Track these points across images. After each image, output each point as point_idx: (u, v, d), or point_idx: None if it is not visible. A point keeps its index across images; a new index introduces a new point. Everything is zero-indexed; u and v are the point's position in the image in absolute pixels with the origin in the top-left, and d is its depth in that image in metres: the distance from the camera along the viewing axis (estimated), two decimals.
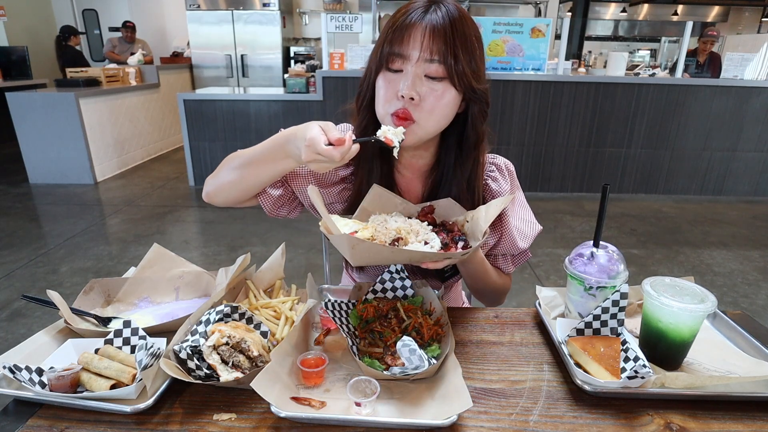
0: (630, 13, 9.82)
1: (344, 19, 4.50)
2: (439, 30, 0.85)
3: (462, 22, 0.87)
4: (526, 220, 1.07)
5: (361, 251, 0.76)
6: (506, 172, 1.09)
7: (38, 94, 4.85)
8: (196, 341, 0.74)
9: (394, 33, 0.87)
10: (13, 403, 0.72)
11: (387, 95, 0.90)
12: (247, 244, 3.52)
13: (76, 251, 3.34)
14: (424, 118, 0.89)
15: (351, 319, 0.88)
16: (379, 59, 0.90)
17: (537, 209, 1.11)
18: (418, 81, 0.87)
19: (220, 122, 4.69)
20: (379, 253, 0.78)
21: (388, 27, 0.89)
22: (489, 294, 1.10)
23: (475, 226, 0.90)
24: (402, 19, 0.87)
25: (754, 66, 4.78)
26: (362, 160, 1.01)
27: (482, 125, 0.97)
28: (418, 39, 0.85)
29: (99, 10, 8.03)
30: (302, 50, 7.44)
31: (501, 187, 1.05)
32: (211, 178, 1.04)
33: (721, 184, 4.85)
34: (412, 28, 0.86)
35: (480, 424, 0.70)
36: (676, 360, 0.82)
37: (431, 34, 0.85)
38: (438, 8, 0.87)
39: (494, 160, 1.09)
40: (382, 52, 0.89)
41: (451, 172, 1.01)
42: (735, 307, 2.69)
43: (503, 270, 1.11)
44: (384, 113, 0.91)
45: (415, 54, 0.86)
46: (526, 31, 4.48)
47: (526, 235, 1.05)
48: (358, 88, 0.98)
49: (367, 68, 0.95)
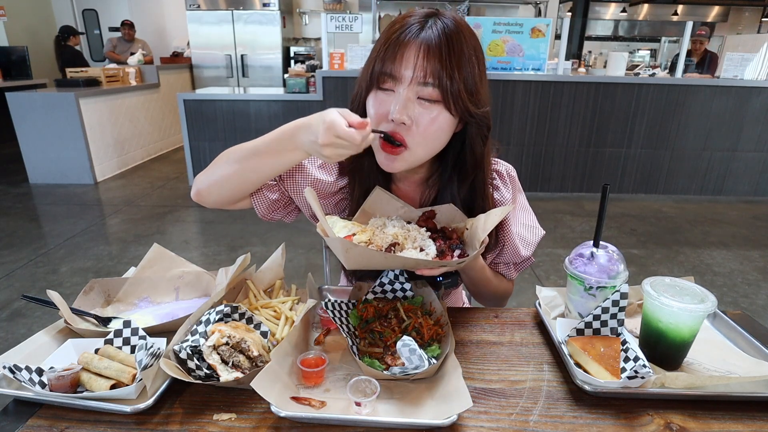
0: (630, 13, 9.83)
1: (344, 19, 4.50)
2: (434, 49, 0.79)
3: (459, 39, 0.81)
4: (528, 225, 1.06)
5: (354, 255, 0.76)
6: (507, 178, 1.06)
7: (38, 94, 4.85)
8: (196, 341, 0.74)
9: (386, 51, 0.82)
10: (13, 403, 0.72)
11: (377, 117, 0.85)
12: (247, 244, 3.52)
13: (76, 251, 3.34)
14: (416, 143, 0.85)
15: (351, 319, 0.88)
16: (370, 78, 0.84)
17: (537, 209, 1.11)
18: (410, 104, 0.82)
19: (220, 122, 4.70)
20: (372, 258, 0.78)
21: (381, 43, 0.84)
22: (491, 298, 1.10)
23: (473, 235, 0.89)
24: (396, 36, 0.82)
25: (754, 66, 4.78)
26: (358, 171, 0.99)
27: (482, 148, 0.92)
28: (411, 59, 0.80)
29: (99, 10, 8.03)
30: (302, 50, 7.44)
31: (503, 197, 1.03)
32: (202, 175, 0.96)
33: (721, 184, 4.85)
34: (405, 47, 0.80)
35: (480, 424, 0.70)
36: (676, 360, 0.82)
37: (425, 54, 0.79)
38: (434, 23, 0.81)
39: (496, 166, 1.06)
40: (373, 71, 0.83)
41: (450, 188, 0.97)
42: (735, 307, 2.69)
43: (506, 276, 1.10)
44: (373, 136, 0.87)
45: (408, 75, 0.81)
46: (526, 31, 4.48)
47: (528, 242, 1.04)
48: (349, 105, 0.93)
49: (357, 85, 0.90)
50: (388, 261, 0.79)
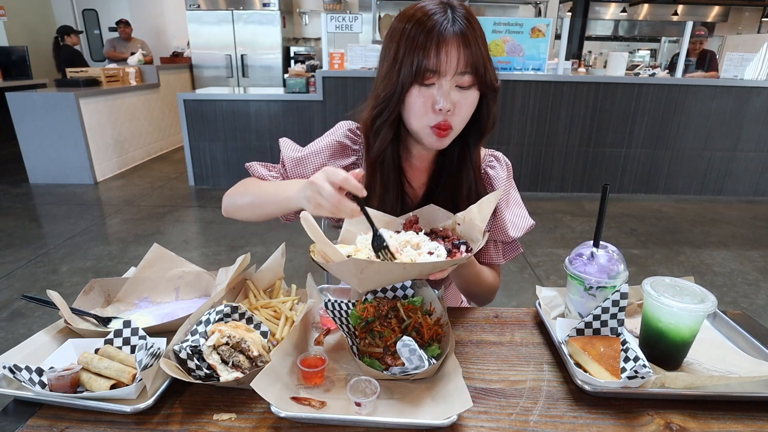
0: (630, 13, 9.82)
1: (344, 19, 4.50)
2: (469, 40, 0.87)
3: (477, 26, 0.89)
4: (519, 215, 1.09)
5: (370, 274, 0.72)
6: (504, 163, 1.12)
7: (38, 94, 4.85)
8: (196, 341, 0.74)
9: (428, 47, 0.86)
10: (13, 403, 0.72)
11: (423, 110, 0.91)
12: (247, 244, 3.52)
13: (76, 251, 3.34)
14: (458, 122, 0.93)
15: (351, 319, 0.88)
16: (415, 75, 0.88)
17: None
18: (452, 92, 0.89)
19: (220, 122, 4.69)
20: (390, 273, 0.75)
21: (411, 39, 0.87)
22: (480, 294, 1.10)
23: (470, 227, 0.89)
24: (432, 32, 0.85)
25: (754, 66, 4.78)
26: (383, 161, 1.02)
27: (493, 110, 1.00)
28: (454, 54, 0.86)
29: (99, 10, 8.02)
30: (302, 50, 7.43)
31: (498, 174, 1.09)
32: (228, 198, 1.07)
33: (721, 184, 4.85)
34: (446, 43, 0.86)
35: (480, 424, 0.70)
36: (676, 360, 0.82)
37: (464, 47, 0.86)
38: (455, 15, 0.87)
39: (494, 153, 1.12)
40: (417, 68, 0.87)
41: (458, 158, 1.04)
42: (735, 307, 2.69)
43: (494, 261, 1.10)
44: (422, 126, 0.93)
45: (452, 68, 0.87)
46: (526, 31, 4.48)
47: (517, 226, 1.07)
48: (377, 103, 0.95)
49: (393, 82, 0.91)
50: (407, 272, 0.75)
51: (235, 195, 1.06)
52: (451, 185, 1.05)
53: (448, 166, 1.05)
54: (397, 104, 0.93)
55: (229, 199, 1.07)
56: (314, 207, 0.79)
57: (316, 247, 0.79)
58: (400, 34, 0.89)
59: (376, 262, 0.73)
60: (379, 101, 0.95)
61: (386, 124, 0.96)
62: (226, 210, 1.09)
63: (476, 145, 1.03)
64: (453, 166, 1.05)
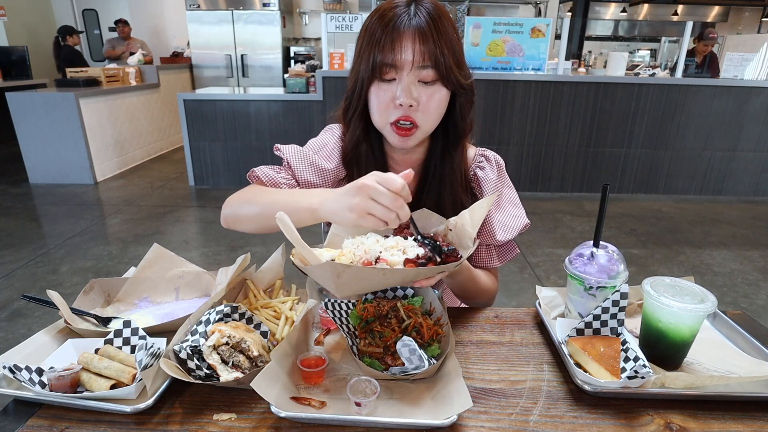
0: (630, 13, 9.82)
1: (344, 19, 4.50)
2: (427, 34, 0.86)
3: (442, 20, 0.88)
4: (512, 215, 1.07)
5: (348, 279, 0.70)
6: (495, 163, 1.10)
7: (38, 94, 4.85)
8: (196, 341, 0.74)
9: (383, 42, 0.87)
10: (13, 403, 0.72)
11: (383, 105, 0.91)
12: (247, 244, 3.52)
13: (76, 251, 3.34)
14: (423, 120, 0.92)
15: (351, 319, 0.88)
16: (372, 70, 0.89)
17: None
18: (413, 87, 0.89)
19: (220, 122, 4.69)
20: (369, 279, 0.73)
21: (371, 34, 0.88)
22: (478, 299, 1.09)
23: (462, 234, 0.88)
24: (388, 26, 0.87)
25: (754, 66, 4.78)
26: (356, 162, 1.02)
27: (469, 113, 0.99)
28: (410, 47, 0.86)
29: (99, 10, 8.03)
30: (302, 50, 7.44)
31: (487, 175, 1.07)
32: (229, 208, 0.98)
33: (721, 184, 4.85)
34: (402, 36, 0.86)
35: (480, 424, 0.70)
36: (676, 360, 0.82)
37: (420, 39, 0.86)
38: (418, 10, 0.87)
39: (484, 152, 1.11)
40: (373, 63, 0.88)
41: (439, 162, 1.03)
42: (735, 307, 2.69)
43: (488, 264, 1.09)
44: (383, 123, 0.93)
45: (408, 62, 0.87)
46: (526, 31, 4.48)
47: (508, 228, 1.04)
48: (344, 100, 0.98)
49: (354, 79, 0.94)
50: (387, 278, 0.74)
51: (238, 204, 0.97)
52: (435, 191, 1.04)
53: (433, 171, 1.04)
54: (360, 98, 0.94)
55: (231, 209, 0.98)
56: (360, 216, 0.73)
57: (295, 250, 0.79)
58: (365, 29, 0.91)
59: (353, 267, 0.71)
60: (347, 96, 0.98)
61: (353, 119, 0.98)
62: (226, 220, 1.00)
63: (455, 150, 1.02)
64: (436, 172, 1.04)
